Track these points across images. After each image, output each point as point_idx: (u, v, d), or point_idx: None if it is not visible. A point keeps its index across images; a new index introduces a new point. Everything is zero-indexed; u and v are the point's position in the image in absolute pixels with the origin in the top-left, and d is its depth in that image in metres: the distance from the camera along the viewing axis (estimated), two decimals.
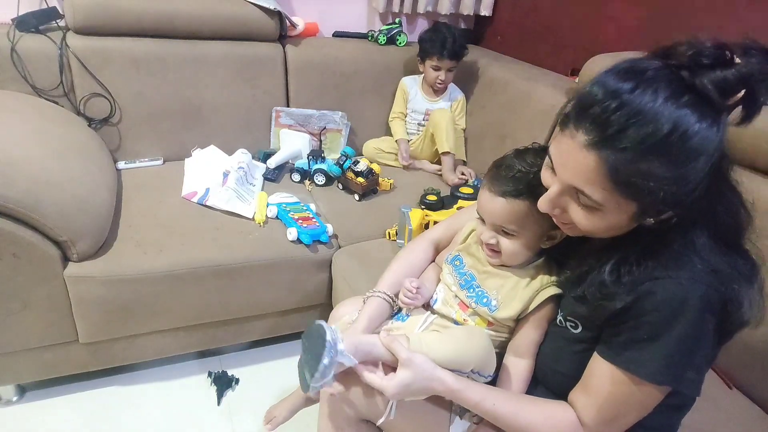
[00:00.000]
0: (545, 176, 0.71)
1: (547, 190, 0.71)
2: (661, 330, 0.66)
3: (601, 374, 0.72)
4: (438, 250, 1.06)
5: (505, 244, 0.83)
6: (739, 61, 0.58)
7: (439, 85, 1.90)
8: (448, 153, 1.83)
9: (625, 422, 0.73)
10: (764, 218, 0.98)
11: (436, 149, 1.89)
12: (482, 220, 0.86)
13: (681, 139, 0.58)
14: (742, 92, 0.59)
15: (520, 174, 0.80)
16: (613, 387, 0.70)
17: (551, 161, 0.68)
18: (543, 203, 0.70)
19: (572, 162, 0.63)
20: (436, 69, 1.86)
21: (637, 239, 0.69)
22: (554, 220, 0.74)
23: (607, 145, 0.60)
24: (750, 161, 1.09)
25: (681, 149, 0.58)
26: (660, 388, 0.69)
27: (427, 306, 0.96)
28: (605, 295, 0.69)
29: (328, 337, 0.71)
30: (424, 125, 1.95)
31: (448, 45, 1.82)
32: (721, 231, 0.68)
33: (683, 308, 0.64)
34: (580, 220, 0.67)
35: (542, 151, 0.81)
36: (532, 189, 0.77)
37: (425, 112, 1.94)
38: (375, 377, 0.77)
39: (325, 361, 0.70)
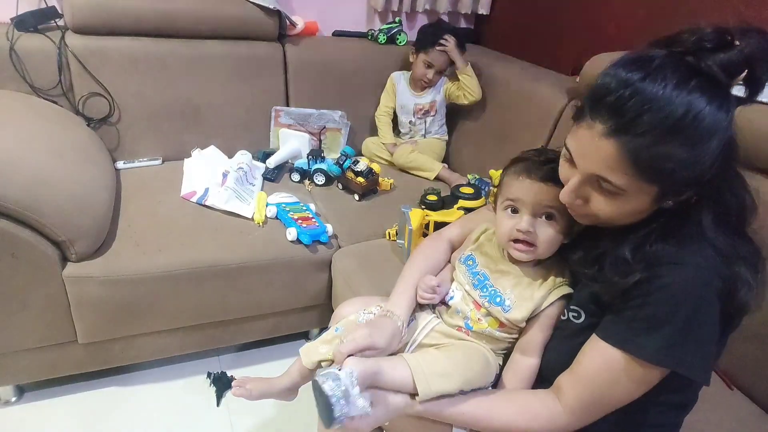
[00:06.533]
0: (563, 170, 0.73)
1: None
2: (663, 313, 0.66)
3: (593, 353, 0.72)
4: (453, 249, 1.05)
5: (543, 231, 0.82)
6: (738, 43, 0.61)
7: (424, 84, 1.89)
8: (438, 173, 1.87)
9: (607, 406, 0.72)
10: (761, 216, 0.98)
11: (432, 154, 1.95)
12: (514, 212, 0.84)
13: (694, 121, 0.60)
14: (744, 73, 0.61)
15: (554, 156, 0.80)
16: (604, 366, 0.70)
17: (569, 153, 0.70)
18: (565, 195, 0.72)
19: (592, 151, 0.65)
20: (428, 66, 1.86)
21: (653, 220, 0.70)
22: (572, 212, 0.75)
23: (625, 131, 0.61)
24: (750, 161, 1.09)
25: (695, 130, 0.60)
26: (654, 371, 0.68)
27: (432, 306, 0.96)
28: (623, 271, 0.69)
29: (333, 401, 0.68)
30: (415, 123, 1.96)
31: (437, 37, 1.83)
32: (727, 213, 0.69)
33: (687, 294, 0.65)
34: (603, 207, 0.69)
35: (553, 150, 0.84)
36: None
37: (414, 108, 1.94)
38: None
39: (337, 415, 0.69)
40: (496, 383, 0.87)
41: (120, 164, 1.69)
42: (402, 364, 0.79)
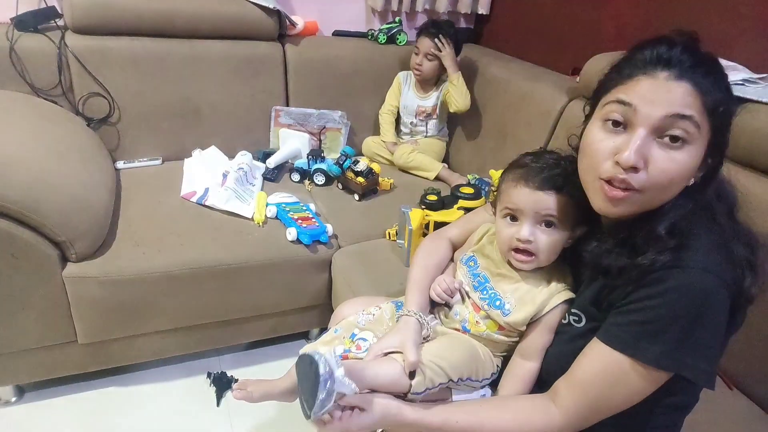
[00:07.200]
0: (606, 143, 0.68)
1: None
2: (667, 317, 0.65)
3: (593, 357, 0.71)
4: (454, 248, 1.05)
5: (543, 239, 0.81)
6: None
7: (417, 72, 1.88)
8: (438, 173, 1.87)
9: (605, 410, 0.71)
10: (761, 215, 0.98)
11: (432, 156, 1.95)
12: (513, 220, 0.84)
13: (731, 89, 0.68)
14: None
15: (553, 162, 0.82)
16: (604, 369, 0.70)
17: (629, 106, 0.66)
18: (631, 155, 0.64)
19: (665, 94, 0.64)
20: (416, 53, 1.86)
21: (677, 199, 0.70)
22: (605, 193, 0.68)
23: (693, 71, 0.64)
24: (749, 161, 1.09)
25: (734, 96, 0.69)
26: (656, 375, 0.67)
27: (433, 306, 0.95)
28: (656, 247, 0.67)
29: (321, 371, 0.67)
30: (416, 124, 1.96)
31: (428, 24, 1.84)
32: (724, 197, 0.72)
33: (692, 298, 0.64)
34: (664, 164, 0.65)
35: (552, 151, 0.86)
36: (568, 178, 0.79)
37: (416, 109, 1.94)
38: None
39: (321, 396, 0.67)
40: (496, 385, 0.87)
41: (120, 164, 1.69)
42: (389, 359, 0.79)
